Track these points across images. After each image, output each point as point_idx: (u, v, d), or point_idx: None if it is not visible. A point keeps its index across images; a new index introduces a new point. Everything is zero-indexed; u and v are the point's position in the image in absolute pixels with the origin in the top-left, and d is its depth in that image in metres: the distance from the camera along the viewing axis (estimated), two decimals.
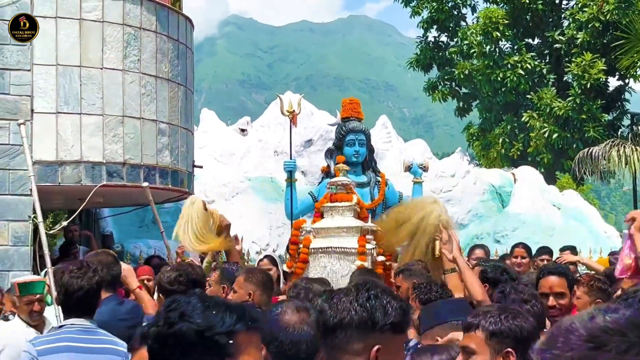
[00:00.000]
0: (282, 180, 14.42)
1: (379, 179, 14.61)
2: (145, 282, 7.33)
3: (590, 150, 17.21)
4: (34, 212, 9.18)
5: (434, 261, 6.02)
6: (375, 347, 2.42)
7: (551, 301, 4.93)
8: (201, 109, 18.52)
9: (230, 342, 1.94)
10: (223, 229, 7.04)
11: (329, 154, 14.43)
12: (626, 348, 1.42)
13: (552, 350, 1.50)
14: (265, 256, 8.82)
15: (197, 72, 13.08)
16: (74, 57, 9.93)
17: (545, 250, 9.03)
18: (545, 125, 24.14)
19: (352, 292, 2.53)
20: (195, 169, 12.28)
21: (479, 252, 8.97)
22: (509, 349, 3.02)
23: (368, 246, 6.59)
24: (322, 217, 7.14)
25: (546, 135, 24.05)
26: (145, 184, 9.78)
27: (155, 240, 13.10)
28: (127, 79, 10.24)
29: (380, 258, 6.72)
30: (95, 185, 9.86)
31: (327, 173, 14.41)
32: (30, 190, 9.34)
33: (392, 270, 6.77)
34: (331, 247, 6.63)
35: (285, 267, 7.59)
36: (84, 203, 9.95)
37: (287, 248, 7.83)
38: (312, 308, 3.22)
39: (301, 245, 6.75)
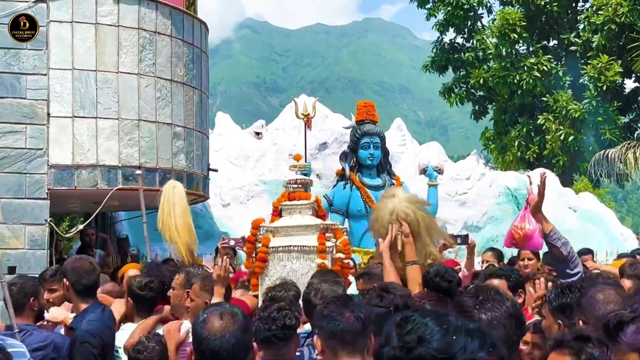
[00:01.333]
0: None
1: (394, 181, 14.63)
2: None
3: (606, 153, 17.13)
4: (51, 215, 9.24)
5: (399, 255, 5.96)
6: None
7: None
8: (216, 112, 18.56)
9: None
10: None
11: (344, 156, 14.47)
12: None
13: None
14: None
15: (213, 75, 13.08)
16: (89, 62, 9.99)
17: (584, 251, 9.18)
18: (561, 127, 24.04)
19: None
20: (210, 172, 12.31)
21: (488, 255, 8.97)
22: None
23: (328, 244, 6.55)
24: (280, 215, 7.08)
25: (562, 137, 23.95)
26: (139, 171, 9.78)
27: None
28: (143, 83, 10.29)
29: (339, 255, 6.69)
30: (111, 189, 9.91)
31: (342, 176, 14.45)
32: (47, 193, 9.41)
33: (349, 268, 6.79)
34: (291, 246, 6.59)
35: (243, 267, 7.51)
36: (100, 206, 10.00)
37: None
38: (240, 313, 3.14)
39: (259, 244, 6.69)
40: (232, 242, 9.01)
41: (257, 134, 17.55)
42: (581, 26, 25.98)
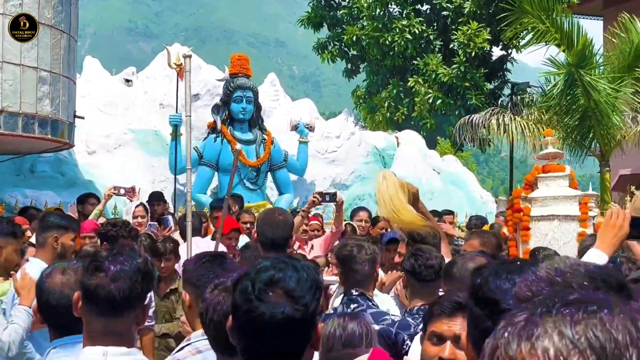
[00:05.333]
0: (167, 133, 14.24)
1: (265, 137, 14.71)
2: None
3: (470, 118, 17.69)
4: None
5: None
6: None
7: None
8: (85, 55, 17.92)
9: None
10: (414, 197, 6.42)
11: (216, 109, 14.39)
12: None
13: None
14: (140, 203, 8.65)
15: (83, 17, 12.50)
16: None
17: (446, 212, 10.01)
18: (430, 91, 24.66)
19: None
20: (76, 119, 11.96)
21: (363, 214, 9.23)
22: None
23: (590, 213, 6.68)
24: (532, 188, 7.17)
25: (430, 100, 24.58)
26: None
27: (32, 190, 12.73)
28: (8, 24, 9.83)
29: (600, 219, 6.82)
30: None
31: (213, 129, 14.38)
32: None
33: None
34: (553, 215, 6.67)
35: (505, 231, 7.41)
36: None
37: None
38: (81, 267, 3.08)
39: (522, 213, 6.75)
40: (122, 191, 8.82)
41: (127, 81, 17.09)
42: None
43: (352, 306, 4.10)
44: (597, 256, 3.23)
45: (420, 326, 3.28)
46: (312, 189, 14.56)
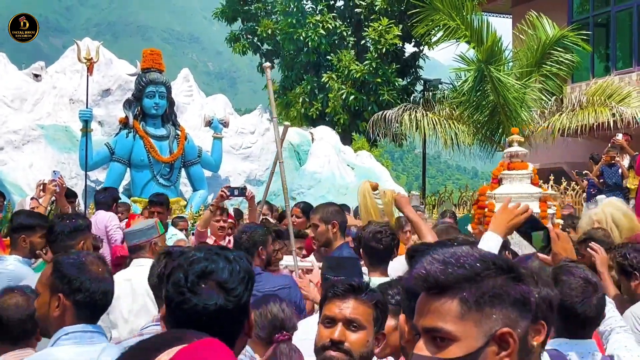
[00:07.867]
0: (78, 129, 13.96)
1: (179, 132, 14.58)
2: None
3: (384, 114, 17.87)
4: None
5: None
6: None
7: None
8: None
9: None
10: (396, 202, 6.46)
11: (128, 104, 14.18)
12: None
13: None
14: (33, 197, 8.33)
15: None
16: None
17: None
18: (343, 87, 24.82)
19: None
20: None
21: (264, 209, 9.28)
22: None
23: (549, 211, 6.93)
24: (499, 183, 7.43)
25: (344, 96, 24.75)
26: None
27: None
28: None
29: (558, 221, 7.06)
30: None
31: (125, 124, 14.16)
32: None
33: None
34: None
35: (470, 229, 7.66)
36: None
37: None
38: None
39: (486, 210, 7.03)
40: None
41: (36, 76, 16.71)
42: None
43: None
44: (491, 238, 3.41)
45: None
46: None
